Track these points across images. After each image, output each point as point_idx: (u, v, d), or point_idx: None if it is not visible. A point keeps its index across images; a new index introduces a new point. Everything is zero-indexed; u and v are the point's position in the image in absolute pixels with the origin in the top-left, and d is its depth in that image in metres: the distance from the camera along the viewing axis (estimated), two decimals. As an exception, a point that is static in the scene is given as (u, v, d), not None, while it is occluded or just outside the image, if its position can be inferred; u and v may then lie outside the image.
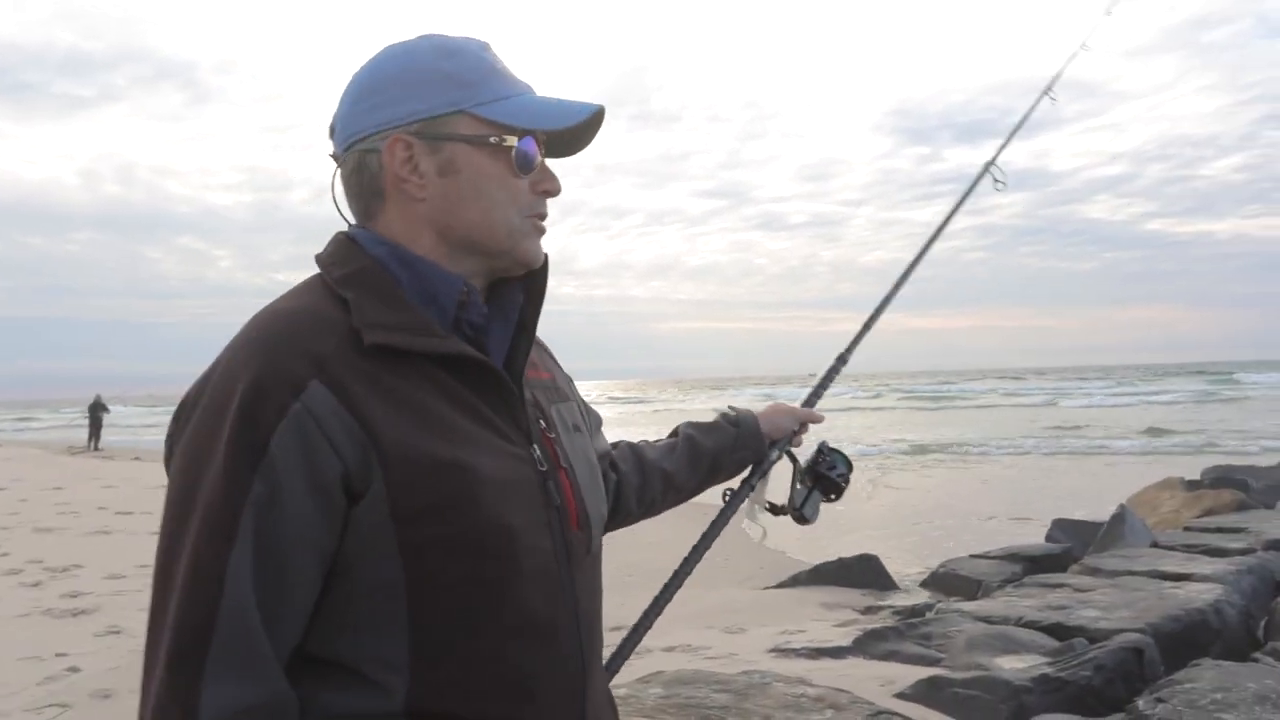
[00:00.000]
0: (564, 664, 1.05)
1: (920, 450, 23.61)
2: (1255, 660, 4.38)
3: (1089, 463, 20.27)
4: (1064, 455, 22.13)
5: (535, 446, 1.06)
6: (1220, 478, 11.46)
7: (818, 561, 8.28)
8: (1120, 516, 8.17)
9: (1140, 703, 3.65)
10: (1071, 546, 8.25)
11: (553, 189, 1.10)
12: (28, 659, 6.06)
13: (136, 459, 25.18)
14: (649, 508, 1.50)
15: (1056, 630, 4.93)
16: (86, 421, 31.59)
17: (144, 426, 47.24)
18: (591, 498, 1.14)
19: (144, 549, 10.36)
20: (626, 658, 1.40)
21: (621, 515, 1.45)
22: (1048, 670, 4.20)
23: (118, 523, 12.31)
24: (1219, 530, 7.70)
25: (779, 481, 1.67)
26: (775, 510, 1.66)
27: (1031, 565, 7.66)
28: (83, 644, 6.38)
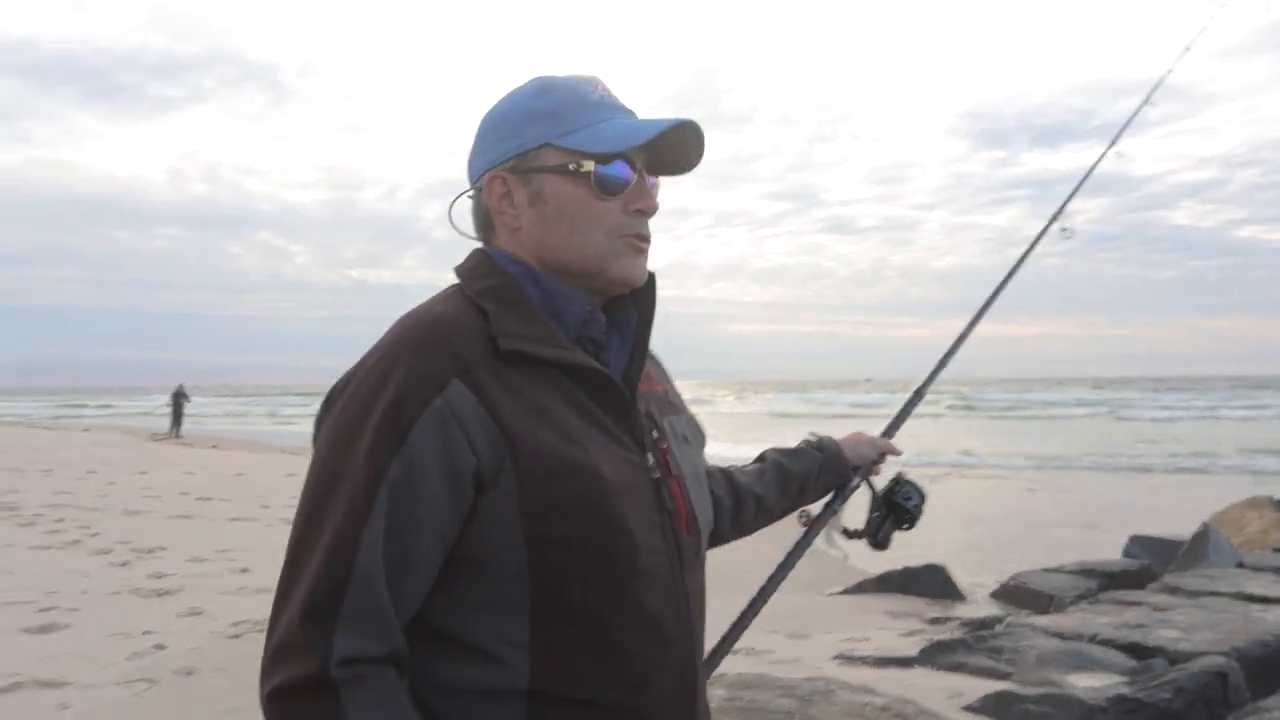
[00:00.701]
0: (676, 657, 1.10)
1: (989, 460, 23.15)
2: (1347, 687, 4.21)
3: (1170, 479, 19.67)
4: (1141, 470, 21.48)
5: (649, 454, 1.12)
6: (1311, 497, 11.08)
7: (883, 570, 8.17)
8: (1204, 535, 7.97)
9: (1223, 728, 3.54)
10: (1150, 564, 8.08)
11: (645, 207, 1.13)
12: (117, 635, 6.29)
13: (214, 447, 26.04)
14: (741, 529, 1.56)
15: (1134, 649, 4.84)
16: (169, 409, 32.68)
17: (222, 415, 48.94)
18: (700, 504, 1.21)
19: (222, 535, 10.77)
20: (716, 666, 1.47)
21: (716, 535, 1.49)
22: (1124, 690, 4.11)
23: (198, 508, 12.71)
24: (1309, 551, 7.47)
25: (855, 507, 1.73)
26: (851, 535, 1.72)
27: (1108, 581, 7.52)
28: (167, 623, 6.61)
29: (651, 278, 1.18)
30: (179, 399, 32.35)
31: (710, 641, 1.45)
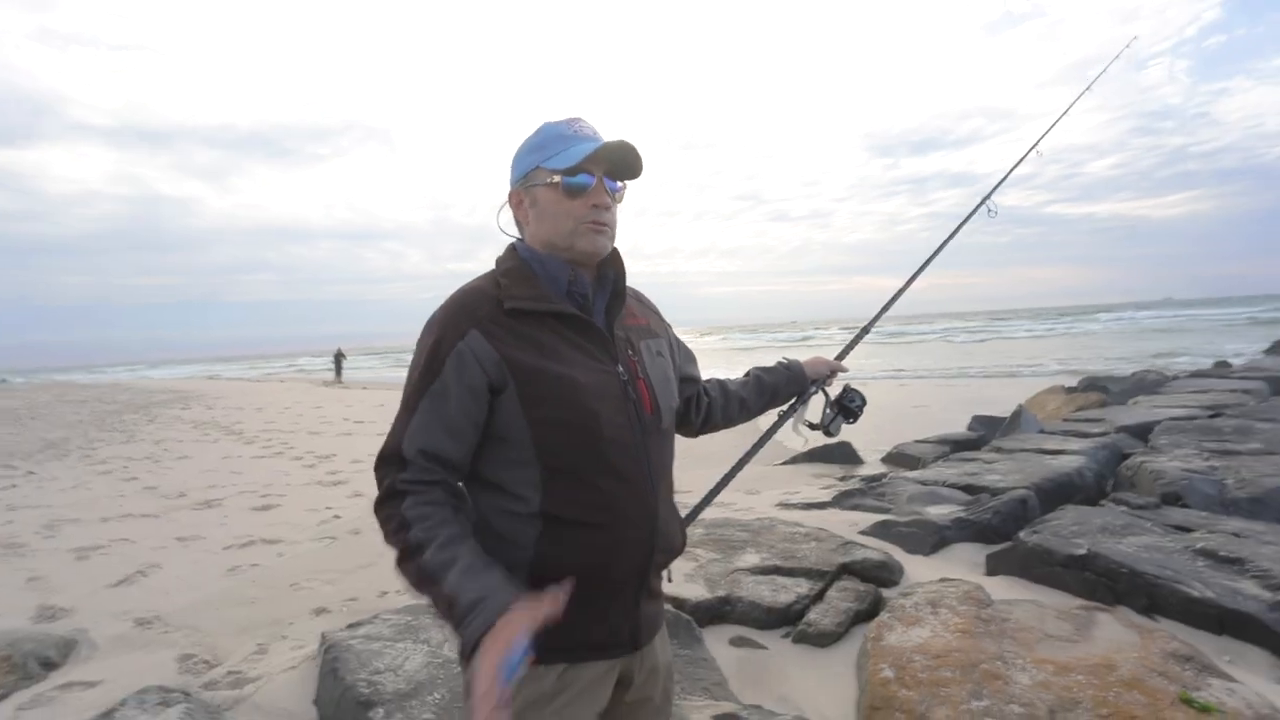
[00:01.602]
0: (638, 494, 1.12)
1: (883, 373, 23.12)
2: (1103, 505, 4.29)
3: (1000, 379, 19.64)
4: (982, 375, 21.44)
5: (620, 365, 1.15)
6: (1089, 385, 11.05)
7: (809, 448, 8.21)
8: (1019, 413, 7.97)
9: (1022, 534, 3.63)
10: (984, 434, 8.08)
11: (599, 203, 1.13)
12: (310, 510, 6.50)
13: (364, 388, 26.15)
14: (730, 421, 1.54)
15: (969, 489, 4.86)
16: (333, 364, 32.81)
17: (366, 368, 49.10)
18: (664, 395, 1.20)
19: (373, 444, 10.86)
20: (701, 512, 1.51)
21: (713, 424, 1.50)
22: (962, 514, 4.18)
23: (357, 429, 12.86)
24: (1085, 420, 7.44)
25: (816, 409, 1.71)
26: (812, 427, 1.70)
27: (956, 446, 7.54)
28: (341, 502, 6.78)
29: (615, 250, 1.19)
30: (339, 358, 32.47)
31: (701, 496, 1.51)
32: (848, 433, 1.75)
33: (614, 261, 1.20)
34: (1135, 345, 29.91)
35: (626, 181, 1.17)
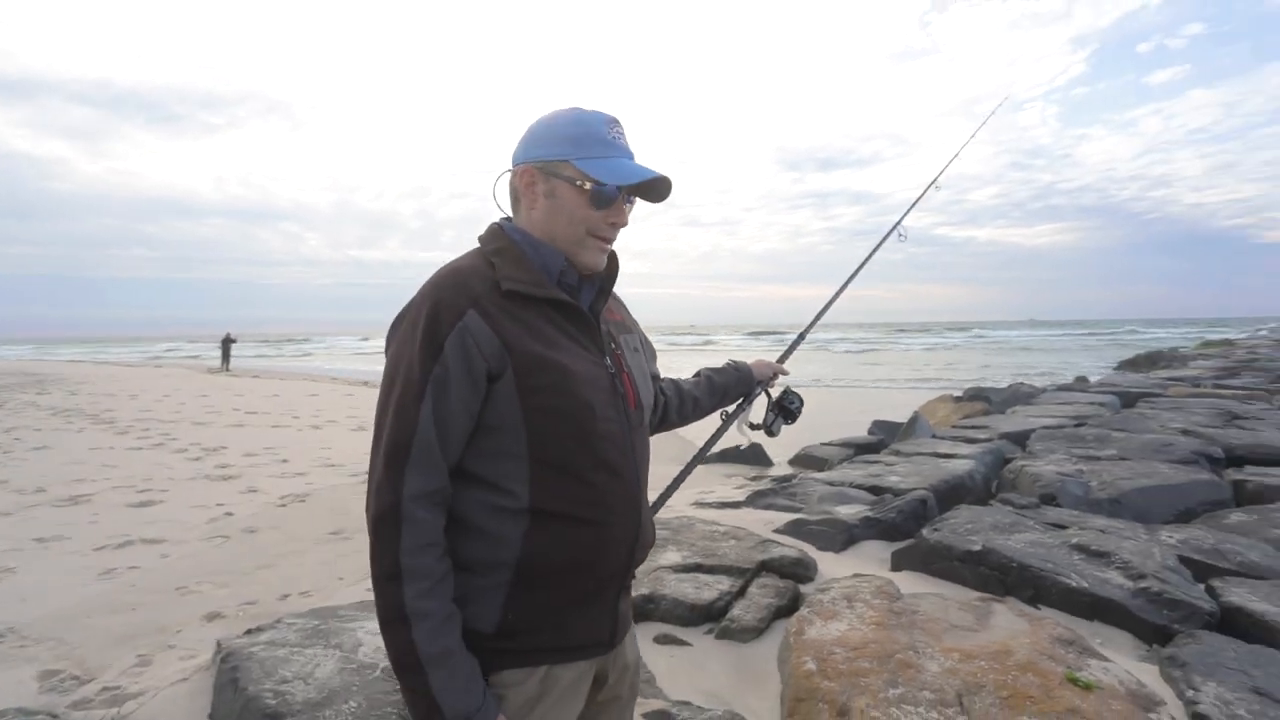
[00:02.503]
0: (626, 487, 1.10)
1: (788, 379, 23.92)
2: (991, 504, 4.61)
3: (897, 388, 20.85)
4: (879, 384, 22.67)
5: (607, 357, 1.12)
6: (974, 395, 11.94)
7: (721, 449, 8.41)
8: (914, 419, 8.49)
9: (924, 531, 3.86)
10: (884, 438, 8.56)
11: (619, 221, 1.11)
12: (197, 507, 6.03)
13: (255, 377, 24.53)
14: (684, 420, 1.55)
15: (874, 489, 5.08)
16: (220, 350, 30.47)
17: (257, 357, 45.96)
18: (644, 390, 1.19)
19: (268, 437, 10.27)
20: (663, 504, 1.53)
21: (669, 423, 1.51)
22: (869, 513, 4.37)
23: (247, 420, 12.03)
24: (972, 427, 8.02)
25: (758, 410, 1.74)
26: (753, 427, 1.73)
27: (859, 449, 7.93)
28: (233, 499, 6.33)
29: (613, 254, 1.17)
30: (227, 343, 30.16)
31: (659, 491, 1.50)
32: (758, 435, 1.80)
33: (611, 261, 1.18)
34: (1009, 359, 32.64)
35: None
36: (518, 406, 1.01)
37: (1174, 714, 2.25)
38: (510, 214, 1.16)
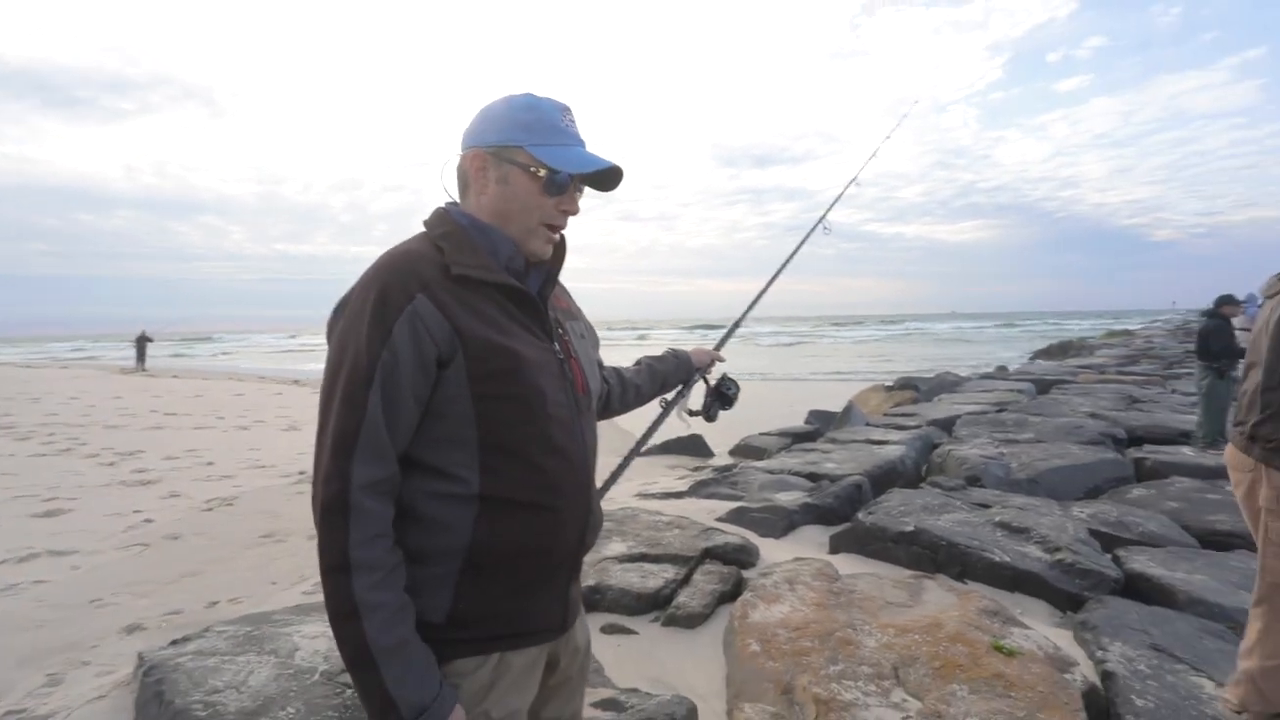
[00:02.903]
0: (576, 472, 1.09)
1: (724, 370, 24.27)
2: (921, 487, 4.84)
3: (831, 379, 21.46)
4: (812, 377, 23.29)
5: (555, 343, 1.11)
6: (904, 384, 12.43)
7: (663, 439, 8.40)
8: (849, 408, 8.77)
9: (859, 515, 4.00)
10: (820, 427, 8.79)
11: (570, 209, 1.10)
12: (111, 515, 5.64)
13: (175, 377, 23.19)
14: (625, 407, 1.56)
15: (811, 476, 5.22)
16: (134, 349, 28.62)
17: (175, 356, 43.45)
18: (591, 376, 1.19)
19: (191, 439, 9.74)
20: (609, 488, 1.52)
21: (611, 410, 1.51)
22: (807, 499, 4.50)
23: (166, 421, 11.32)
24: (902, 415, 8.36)
25: (696, 396, 1.76)
26: (693, 413, 1.75)
27: (797, 438, 8.12)
28: (153, 504, 5.96)
29: (563, 238, 1.16)
30: (142, 341, 28.32)
31: (603, 478, 1.46)
32: (699, 425, 1.84)
33: (558, 248, 1.16)
34: (935, 350, 34.10)
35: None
36: (468, 393, 0.99)
37: (1086, 673, 2.41)
38: (458, 199, 1.13)
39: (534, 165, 1.06)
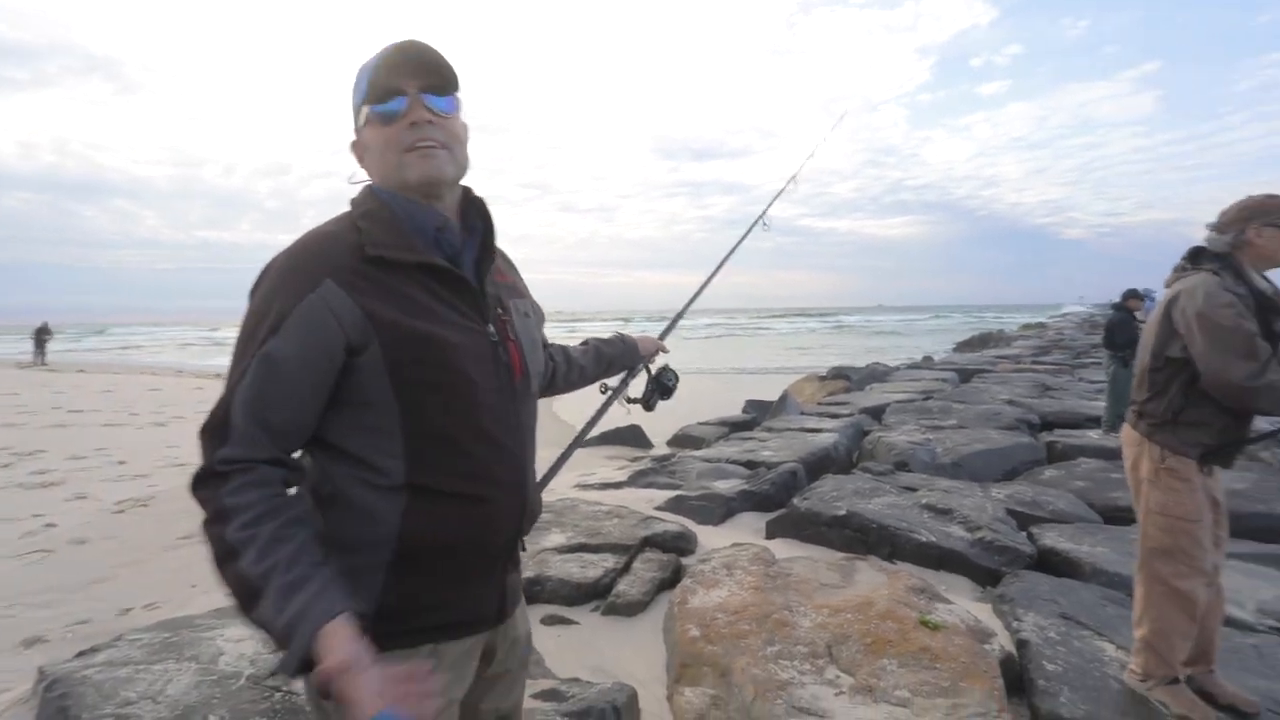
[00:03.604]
0: (511, 460, 1.05)
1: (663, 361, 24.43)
2: (853, 473, 5.00)
3: (768, 370, 21.91)
4: (751, 367, 23.71)
5: (490, 324, 1.06)
6: (836, 374, 12.83)
7: (602, 430, 8.45)
8: (784, 398, 8.99)
9: (795, 500, 4.11)
10: (757, 416, 8.99)
11: (416, 119, 1.00)
12: (7, 520, 5.22)
13: (81, 371, 21.62)
14: (570, 386, 1.54)
15: (749, 464, 5.31)
16: (32, 342, 26.48)
17: (81, 350, 40.53)
18: (532, 359, 1.14)
19: (100, 437, 9.13)
20: (551, 479, 1.49)
21: (555, 388, 1.49)
22: (744, 487, 4.59)
23: (71, 419, 10.59)
24: (835, 404, 8.63)
25: (637, 385, 1.77)
26: (632, 401, 1.76)
27: (734, 427, 8.28)
28: (55, 507, 5.56)
29: (479, 198, 1.10)
30: (41, 334, 26.23)
31: (545, 470, 1.45)
32: (638, 415, 1.85)
33: (479, 210, 1.10)
34: (864, 342, 35.31)
35: (456, 95, 1.04)
36: (387, 383, 0.95)
37: (1003, 643, 2.55)
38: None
39: (366, 111, 1.02)
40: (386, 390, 0.95)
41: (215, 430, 0.93)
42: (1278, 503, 4.23)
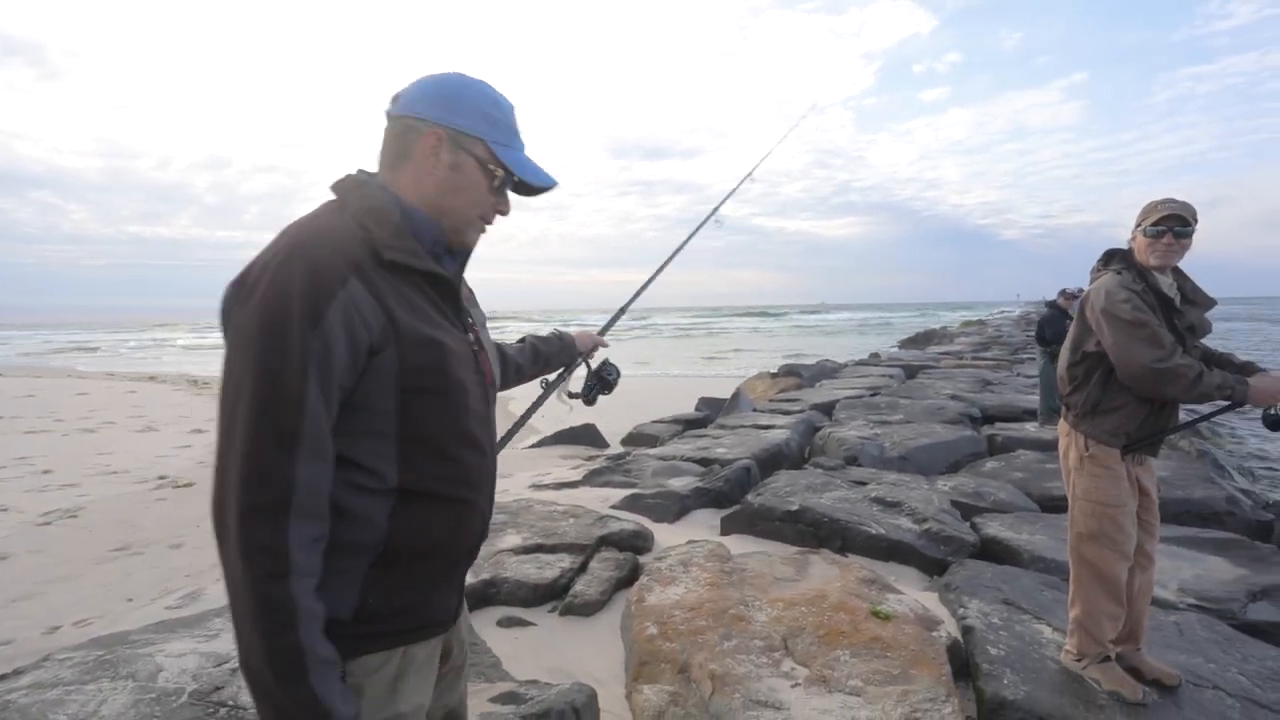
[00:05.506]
0: (487, 465, 1.09)
1: (615, 360, 24.46)
2: (805, 468, 5.11)
3: (711, 369, 22.12)
4: (704, 365, 23.92)
5: (470, 334, 1.10)
6: (788, 371, 13.06)
7: (554, 430, 8.37)
8: (737, 395, 9.08)
9: (749, 496, 4.16)
10: (710, 414, 9.05)
11: (504, 211, 1.10)
12: (-83, 540, 4.86)
13: (-2, 377, 20.35)
14: (507, 384, 1.52)
15: (703, 461, 5.35)
16: None
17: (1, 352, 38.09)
18: (496, 366, 1.20)
19: (20, 445, 8.62)
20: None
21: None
22: (699, 484, 4.62)
23: (-12, 428, 9.95)
24: (787, 400, 8.78)
25: (577, 380, 1.77)
26: (573, 395, 1.76)
27: (687, 425, 8.31)
28: (-28, 523, 5.21)
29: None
30: (-47, 336, 24.62)
31: None
32: (592, 415, 1.85)
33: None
34: (814, 339, 36.05)
35: None
36: (394, 386, 0.95)
37: (950, 629, 2.65)
38: (376, 168, 1.06)
39: (493, 163, 1.05)
40: (391, 394, 0.95)
41: (285, 442, 0.87)
42: (1196, 489, 4.50)
